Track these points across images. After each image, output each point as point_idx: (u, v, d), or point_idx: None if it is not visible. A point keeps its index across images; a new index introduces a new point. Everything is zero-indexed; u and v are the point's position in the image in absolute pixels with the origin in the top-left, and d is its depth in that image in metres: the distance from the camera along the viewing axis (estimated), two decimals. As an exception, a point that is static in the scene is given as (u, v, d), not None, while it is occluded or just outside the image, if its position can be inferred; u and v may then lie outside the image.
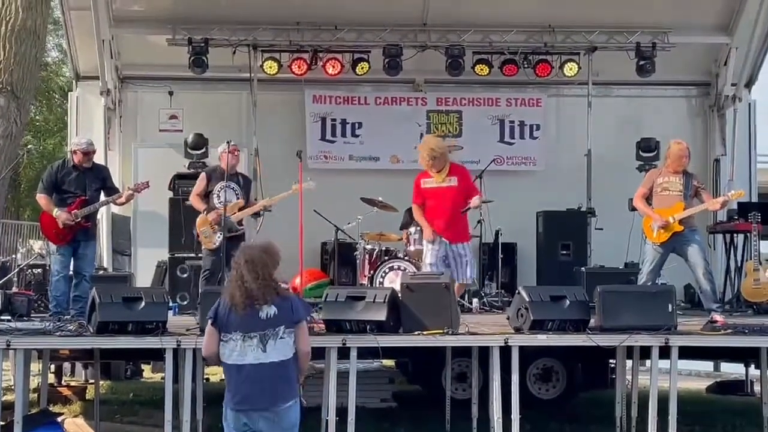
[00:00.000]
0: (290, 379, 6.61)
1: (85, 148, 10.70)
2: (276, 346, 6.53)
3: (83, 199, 10.59)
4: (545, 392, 11.71)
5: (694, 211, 10.16)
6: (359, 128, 15.17)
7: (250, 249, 6.72)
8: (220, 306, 6.67)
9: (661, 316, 9.30)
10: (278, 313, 6.55)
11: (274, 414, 6.50)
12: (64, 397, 12.73)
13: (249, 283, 6.52)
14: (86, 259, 10.70)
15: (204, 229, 11.20)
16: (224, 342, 6.62)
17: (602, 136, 14.69)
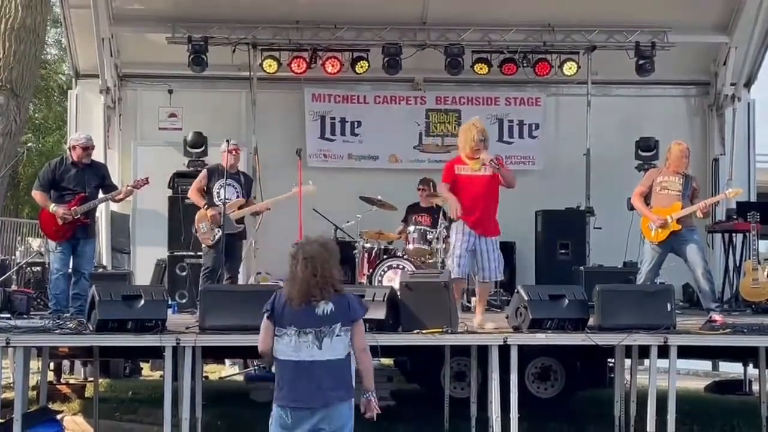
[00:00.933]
0: (345, 378, 6.46)
1: (84, 143, 10.69)
2: (332, 344, 6.38)
3: (82, 196, 10.56)
4: (544, 391, 11.72)
5: (691, 210, 10.17)
6: (358, 127, 15.17)
7: (310, 245, 6.53)
8: (276, 299, 6.51)
9: (660, 315, 9.33)
10: (335, 311, 6.41)
11: (325, 414, 6.37)
12: (63, 395, 12.74)
13: (307, 279, 6.38)
14: (85, 256, 10.68)
15: (202, 224, 11.21)
16: (278, 337, 6.46)
17: (601, 135, 14.69)
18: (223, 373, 15.67)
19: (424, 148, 15.19)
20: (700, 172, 14.09)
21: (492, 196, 10.00)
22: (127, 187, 11.03)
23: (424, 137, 15.21)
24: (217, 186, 11.18)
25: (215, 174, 11.30)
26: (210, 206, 11.17)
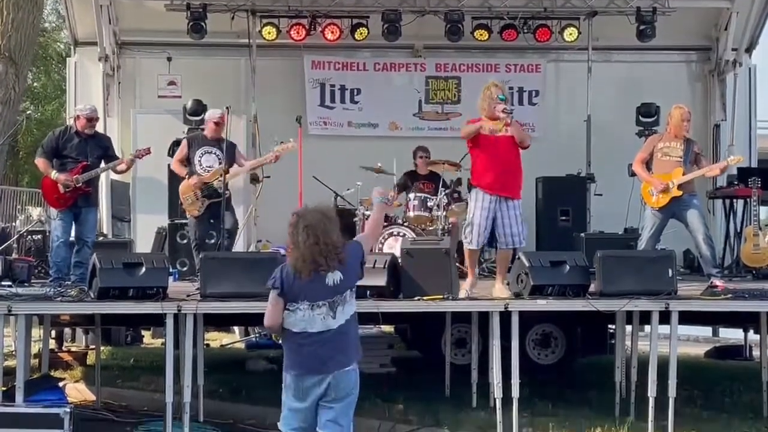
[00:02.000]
0: (351, 342, 6.46)
1: (89, 114, 10.73)
2: (344, 310, 6.38)
3: (84, 165, 10.60)
4: (544, 357, 11.75)
5: (692, 176, 10.15)
6: (358, 94, 15.14)
7: (309, 213, 6.48)
8: (284, 274, 6.42)
9: (661, 281, 9.33)
10: (344, 279, 6.36)
11: (332, 381, 6.37)
12: (65, 362, 12.79)
13: (311, 249, 6.29)
14: (87, 224, 10.70)
15: (187, 195, 11.17)
16: (290, 311, 6.38)
17: (602, 101, 14.65)
18: (225, 341, 15.71)
19: (423, 116, 15.15)
20: (701, 138, 14.04)
21: (515, 157, 9.65)
22: (130, 156, 11.05)
23: (423, 104, 15.17)
24: (198, 154, 11.18)
25: (195, 142, 11.30)
26: (192, 175, 11.14)
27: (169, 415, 9.03)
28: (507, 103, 9.57)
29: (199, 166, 11.14)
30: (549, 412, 9.97)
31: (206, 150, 11.18)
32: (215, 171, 11.08)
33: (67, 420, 8.84)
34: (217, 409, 10.33)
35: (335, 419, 6.43)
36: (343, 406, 6.45)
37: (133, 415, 10.50)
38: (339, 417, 6.44)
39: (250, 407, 10.55)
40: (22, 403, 8.96)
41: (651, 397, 9.19)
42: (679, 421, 9.31)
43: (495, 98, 9.49)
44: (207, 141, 11.24)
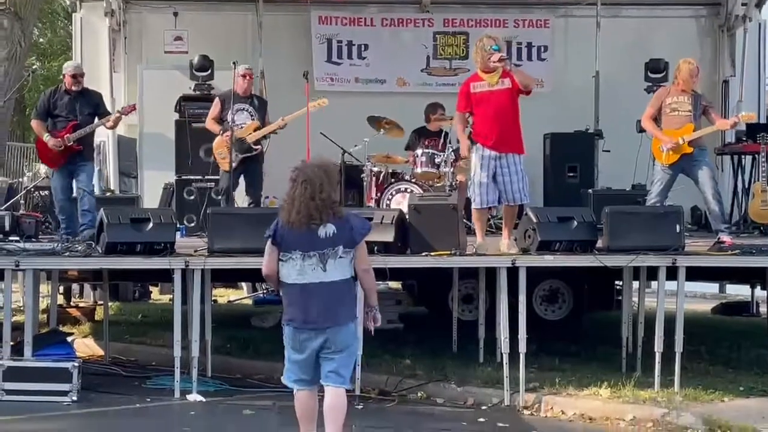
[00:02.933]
0: (351, 298, 6.63)
1: (72, 71, 10.84)
2: (336, 266, 6.50)
3: (74, 123, 10.71)
4: (551, 313, 11.77)
5: (703, 132, 10.08)
6: (365, 50, 15.05)
7: (308, 168, 6.60)
8: (279, 224, 6.59)
9: (668, 236, 9.33)
10: (337, 233, 6.49)
11: (331, 333, 6.51)
12: (73, 318, 12.85)
13: (306, 203, 6.45)
14: (85, 177, 10.81)
15: (220, 150, 11.53)
16: (283, 261, 6.57)
17: (610, 57, 14.53)
18: (232, 297, 15.75)
19: (431, 71, 15.06)
20: (710, 94, 13.88)
21: (512, 111, 9.57)
22: (116, 113, 11.18)
23: (431, 60, 15.07)
24: (231, 112, 11.42)
25: (227, 100, 11.50)
26: (225, 131, 11.43)
27: (177, 370, 9.09)
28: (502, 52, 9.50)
29: (233, 123, 11.38)
30: (555, 367, 10.00)
31: (239, 107, 11.51)
32: (248, 126, 11.46)
33: (76, 374, 8.90)
34: (224, 364, 10.38)
35: (336, 370, 6.56)
36: (343, 357, 6.58)
37: (141, 369, 10.57)
38: (340, 368, 6.59)
39: (257, 362, 10.60)
40: (30, 357, 9.02)
41: (657, 352, 9.22)
42: (686, 377, 9.35)
43: (488, 50, 9.45)
44: (239, 98, 11.54)
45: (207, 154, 12.72)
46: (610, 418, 8.60)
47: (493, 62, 9.38)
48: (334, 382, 6.57)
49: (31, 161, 21.51)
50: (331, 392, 6.57)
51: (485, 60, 9.49)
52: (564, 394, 9.09)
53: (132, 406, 8.85)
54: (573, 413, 8.80)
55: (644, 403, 8.76)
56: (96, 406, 8.80)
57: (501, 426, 8.47)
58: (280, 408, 8.79)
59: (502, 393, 9.16)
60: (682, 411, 8.44)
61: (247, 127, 11.48)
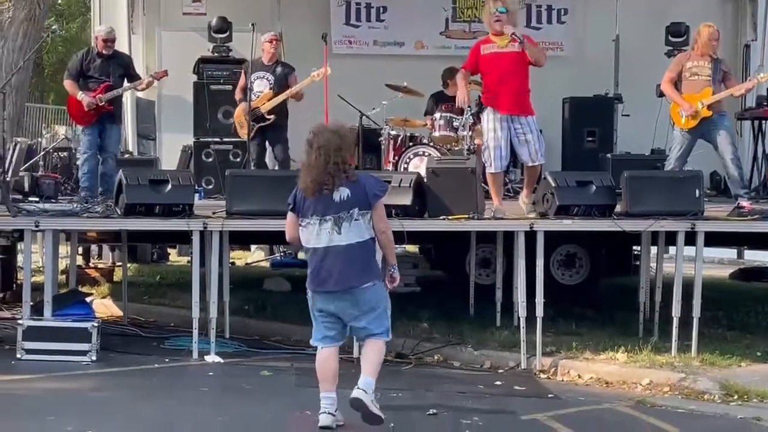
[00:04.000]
0: (368, 260, 6.68)
1: (105, 36, 10.98)
2: (351, 228, 6.58)
3: (107, 85, 10.88)
4: (569, 278, 11.75)
5: (722, 95, 9.98)
6: (384, 13, 14.97)
7: (322, 133, 6.68)
8: (297, 192, 6.71)
9: (687, 201, 9.30)
10: (351, 196, 6.58)
11: (351, 295, 6.60)
12: (92, 278, 12.93)
13: (320, 167, 6.55)
14: (111, 140, 11.02)
15: (239, 120, 11.87)
16: (303, 227, 6.69)
17: (631, 20, 14.43)
18: (250, 259, 15.80)
19: (450, 34, 14.98)
20: (731, 58, 13.79)
21: (522, 73, 9.55)
22: (149, 78, 11.34)
23: (450, 23, 14.98)
24: (252, 79, 11.70)
25: (252, 68, 11.76)
26: (243, 101, 11.76)
27: (195, 331, 9.14)
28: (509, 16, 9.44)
29: (252, 91, 11.67)
30: (572, 331, 10.02)
31: (259, 75, 11.82)
32: (262, 96, 11.70)
33: (95, 334, 8.95)
34: (242, 325, 10.43)
35: (370, 332, 6.69)
36: (371, 319, 6.66)
37: (159, 330, 10.63)
38: (373, 328, 6.69)
39: (275, 324, 10.66)
40: (50, 317, 9.08)
41: (675, 317, 9.22)
42: (703, 342, 9.34)
43: (494, 12, 9.45)
44: (261, 66, 11.84)
45: (225, 117, 12.78)
46: (626, 383, 8.61)
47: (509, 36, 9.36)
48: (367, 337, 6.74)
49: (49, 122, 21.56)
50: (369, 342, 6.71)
51: (489, 22, 9.54)
52: (581, 358, 9.11)
53: (150, 366, 8.90)
54: (589, 377, 8.81)
55: (661, 367, 8.76)
56: (115, 366, 8.85)
57: (517, 389, 8.49)
58: (298, 369, 8.85)
59: (518, 357, 9.19)
60: (699, 376, 8.45)
61: (261, 96, 11.69)
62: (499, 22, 9.49)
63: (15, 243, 11.65)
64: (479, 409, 7.58)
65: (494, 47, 9.55)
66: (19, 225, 9.42)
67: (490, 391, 8.34)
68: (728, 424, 7.61)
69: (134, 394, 7.91)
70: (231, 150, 12.69)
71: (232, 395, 7.93)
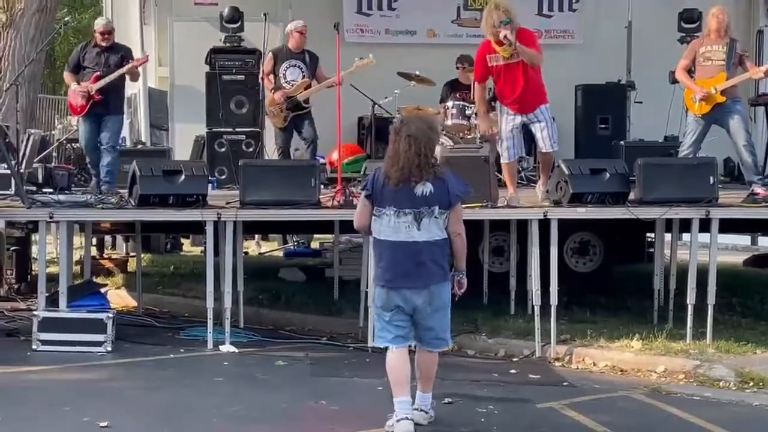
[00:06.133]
0: (444, 258, 6.50)
1: (102, 28, 10.84)
2: (430, 226, 6.41)
3: (99, 75, 10.66)
4: (582, 266, 11.71)
5: (735, 80, 9.92)
6: (395, 1, 14.95)
7: (414, 122, 6.50)
8: (376, 178, 6.50)
9: (702, 188, 9.27)
10: (434, 192, 6.40)
11: (427, 293, 6.43)
12: (106, 269, 12.98)
13: (409, 159, 6.34)
14: (108, 131, 10.69)
15: (272, 108, 11.81)
16: (377, 216, 6.49)
17: (643, 7, 14.38)
18: (263, 249, 15.82)
19: (462, 23, 14.94)
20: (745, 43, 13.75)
21: (531, 77, 9.44)
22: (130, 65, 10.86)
23: (462, 11, 14.94)
24: (283, 67, 11.76)
25: (281, 55, 11.82)
26: (277, 89, 11.69)
27: (210, 321, 9.16)
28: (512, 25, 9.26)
29: (284, 79, 11.73)
30: (587, 319, 10.02)
31: (291, 63, 11.83)
32: (298, 85, 11.71)
33: (110, 325, 8.99)
34: (256, 315, 10.46)
35: (437, 335, 6.56)
36: (439, 318, 6.53)
37: (174, 321, 10.67)
38: (440, 331, 6.56)
39: (289, 314, 10.69)
40: (65, 308, 9.12)
41: (690, 304, 9.20)
42: (718, 329, 9.34)
43: (497, 25, 9.21)
44: (292, 54, 11.86)
45: (238, 107, 12.77)
46: (641, 370, 8.61)
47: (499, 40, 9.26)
48: (435, 347, 6.61)
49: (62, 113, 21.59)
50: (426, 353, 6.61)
51: (495, 34, 9.30)
52: (595, 345, 9.11)
53: (165, 356, 8.94)
54: (604, 365, 8.82)
55: (676, 355, 8.75)
56: (130, 357, 8.89)
57: (532, 377, 8.49)
58: (312, 359, 8.87)
59: (533, 345, 9.19)
60: (715, 363, 8.44)
61: (297, 85, 11.70)
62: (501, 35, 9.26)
63: (29, 234, 11.70)
64: (494, 398, 7.59)
65: (499, 59, 9.39)
66: (33, 216, 9.46)
67: (505, 379, 8.34)
68: (744, 411, 7.61)
69: (149, 384, 7.94)
70: (244, 140, 12.68)
71: (246, 385, 7.95)
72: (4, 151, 9.94)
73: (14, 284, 11.82)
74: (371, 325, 9.19)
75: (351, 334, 9.83)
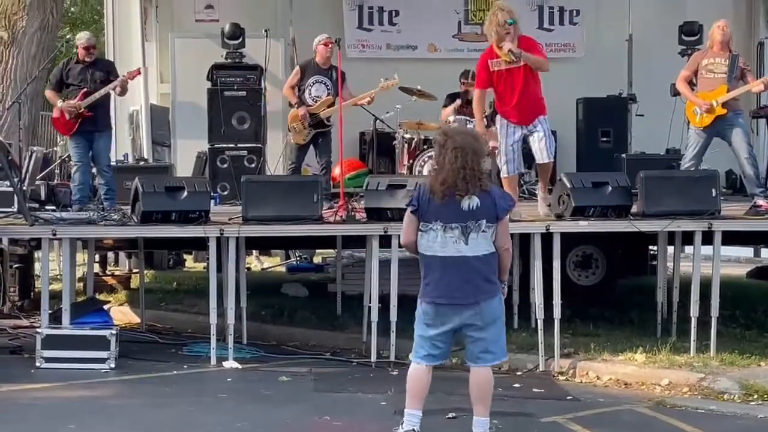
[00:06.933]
0: (493, 273, 6.39)
1: (85, 43, 10.79)
2: (478, 240, 6.32)
3: (86, 91, 10.64)
4: (585, 279, 11.73)
5: (736, 93, 9.94)
6: (396, 16, 14.99)
7: (460, 135, 6.39)
8: (421, 193, 6.42)
9: (704, 201, 9.27)
10: (480, 206, 6.31)
11: (477, 308, 6.33)
12: (109, 286, 12.97)
13: (455, 172, 6.25)
14: (100, 150, 10.74)
15: (295, 124, 11.75)
16: (423, 232, 6.39)
17: (643, 20, 14.42)
18: (265, 265, 15.82)
19: (462, 37, 14.98)
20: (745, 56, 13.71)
21: (532, 85, 9.43)
22: (122, 78, 10.90)
23: (463, 26, 14.98)
24: (309, 82, 11.75)
25: (308, 70, 11.81)
26: (300, 105, 11.66)
27: (213, 337, 9.16)
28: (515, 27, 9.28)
29: (309, 95, 11.71)
30: (590, 332, 10.01)
31: (317, 79, 11.80)
32: (322, 102, 11.67)
33: (114, 342, 8.99)
34: (259, 331, 10.45)
35: (487, 349, 6.42)
36: (492, 332, 6.41)
37: (177, 337, 10.66)
38: (490, 345, 6.42)
39: (292, 329, 10.67)
40: (69, 325, 9.12)
41: (693, 317, 9.19)
42: (721, 341, 9.32)
43: (503, 24, 9.20)
44: (319, 69, 11.82)
45: (239, 122, 12.78)
46: (645, 384, 8.59)
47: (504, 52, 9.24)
48: (485, 362, 6.46)
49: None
50: (477, 372, 6.48)
51: (501, 35, 9.25)
52: (599, 359, 9.09)
53: (169, 372, 8.92)
54: (608, 378, 8.80)
55: (680, 368, 8.73)
56: (133, 373, 8.88)
57: (536, 391, 8.48)
58: (316, 374, 8.86)
59: (536, 358, 9.18)
60: (719, 376, 8.43)
61: (321, 102, 11.65)
62: (509, 35, 9.26)
63: (32, 251, 11.71)
64: (498, 412, 7.54)
65: (501, 63, 9.37)
66: (36, 234, 9.47)
67: (509, 393, 8.32)
68: (749, 424, 7.59)
69: (153, 401, 7.93)
70: (246, 155, 12.69)
71: (250, 401, 7.94)
72: (6, 168, 9.95)
73: (17, 301, 11.81)
74: (374, 339, 9.22)
75: (354, 349, 9.82)
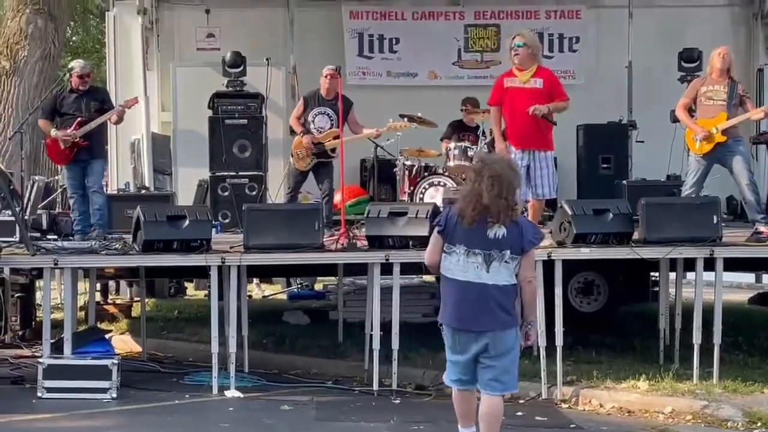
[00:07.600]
0: (512, 304, 6.37)
1: (79, 72, 10.78)
2: (500, 270, 6.30)
3: (81, 120, 10.63)
4: (586, 305, 11.72)
5: (736, 121, 9.96)
6: (397, 44, 15.05)
7: (497, 164, 6.39)
8: (448, 215, 6.43)
9: (705, 227, 9.28)
10: (507, 236, 6.29)
11: (492, 337, 6.32)
12: (110, 314, 12.97)
13: (489, 200, 6.25)
14: (93, 174, 10.72)
15: (298, 150, 11.71)
16: (447, 254, 6.40)
17: (643, 47, 14.46)
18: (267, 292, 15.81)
19: (463, 65, 15.05)
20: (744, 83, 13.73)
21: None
22: (119, 107, 10.94)
23: (463, 53, 15.05)
24: (312, 114, 11.71)
25: (311, 102, 11.78)
26: (306, 134, 11.64)
27: (215, 366, 9.14)
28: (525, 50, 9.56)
29: (312, 125, 11.68)
30: (592, 359, 9.98)
31: (320, 111, 11.76)
32: (328, 133, 11.59)
33: (115, 371, 8.97)
34: (261, 359, 10.43)
35: (496, 378, 6.40)
36: (504, 363, 6.39)
37: (178, 366, 10.64)
38: (500, 375, 6.40)
39: (294, 357, 10.66)
40: (70, 354, 9.11)
41: (696, 344, 9.17)
42: (724, 368, 9.30)
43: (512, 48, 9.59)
44: (322, 101, 11.76)
45: (240, 150, 12.80)
46: (648, 411, 8.57)
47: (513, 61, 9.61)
48: (493, 390, 6.42)
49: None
50: (487, 400, 6.44)
51: (510, 56, 9.66)
52: (602, 387, 9.07)
53: (171, 402, 8.91)
54: (611, 406, 8.78)
55: (683, 395, 8.72)
56: (135, 403, 8.87)
57: (539, 420, 8.46)
58: (318, 403, 8.84)
59: (539, 386, 9.15)
60: (722, 403, 8.41)
61: (326, 133, 11.60)
62: (517, 56, 9.60)
63: (33, 281, 11.70)
64: (501, 440, 7.55)
65: (516, 82, 9.65)
66: (38, 264, 9.46)
67: (512, 422, 8.28)
68: (752, 452, 7.58)
69: (155, 431, 7.90)
70: (247, 183, 12.71)
71: (252, 430, 7.91)
72: (8, 197, 9.96)
73: (19, 331, 11.81)
74: (376, 367, 9.21)
75: (356, 377, 9.81)
